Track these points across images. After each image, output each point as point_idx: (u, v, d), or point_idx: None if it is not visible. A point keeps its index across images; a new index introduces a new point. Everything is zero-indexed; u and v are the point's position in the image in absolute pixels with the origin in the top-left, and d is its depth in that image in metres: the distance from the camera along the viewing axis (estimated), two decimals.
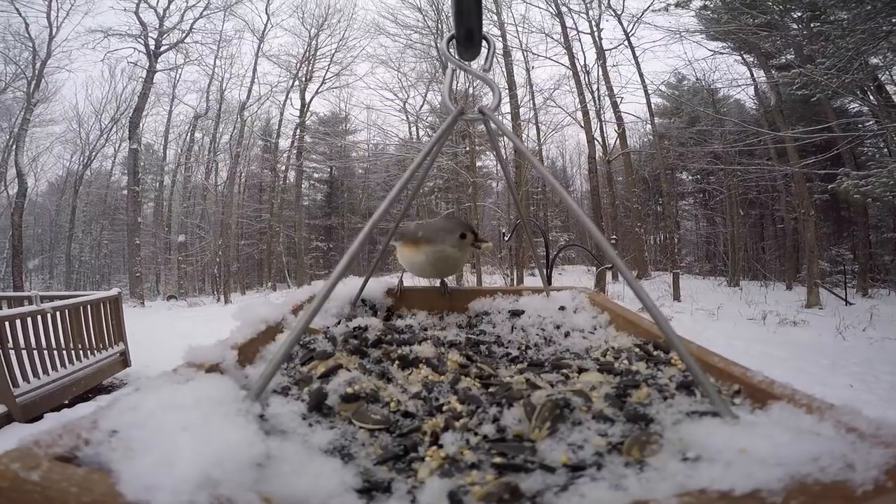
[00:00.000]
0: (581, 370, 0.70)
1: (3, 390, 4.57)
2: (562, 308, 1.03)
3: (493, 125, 0.80)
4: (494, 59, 0.82)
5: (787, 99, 15.01)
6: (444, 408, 0.57)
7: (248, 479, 0.36)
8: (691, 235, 25.58)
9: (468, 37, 0.74)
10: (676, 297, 14.27)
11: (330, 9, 23.07)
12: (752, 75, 17.21)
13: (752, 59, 16.74)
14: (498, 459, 0.45)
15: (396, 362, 0.73)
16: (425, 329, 1.00)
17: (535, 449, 0.46)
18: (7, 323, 4.81)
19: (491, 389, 0.63)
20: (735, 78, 17.88)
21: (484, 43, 0.79)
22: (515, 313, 1.04)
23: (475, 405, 0.57)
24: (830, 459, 0.35)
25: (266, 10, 22.56)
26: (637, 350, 0.77)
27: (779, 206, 19.63)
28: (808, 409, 0.46)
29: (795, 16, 12.49)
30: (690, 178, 23.96)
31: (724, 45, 16.65)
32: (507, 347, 0.86)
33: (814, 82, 10.13)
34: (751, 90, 17.92)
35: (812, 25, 11.49)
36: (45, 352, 5.23)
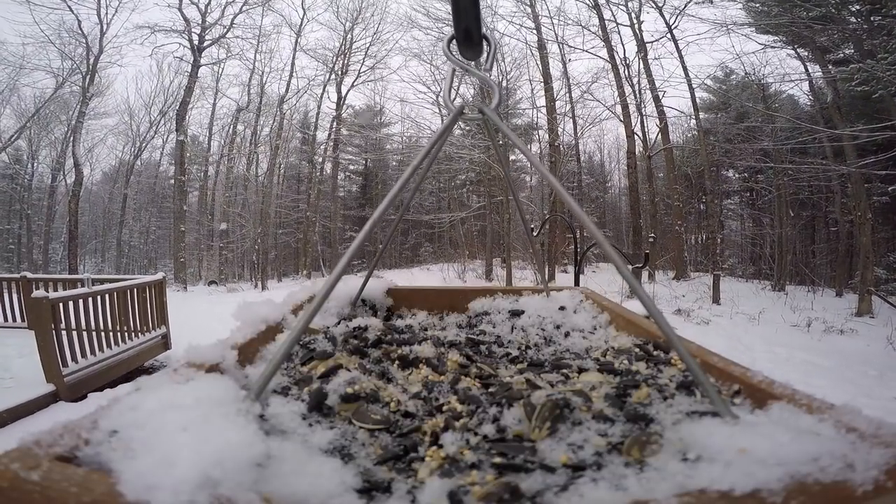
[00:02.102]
0: (581, 370, 0.70)
1: (55, 370, 4.76)
2: (562, 308, 1.02)
3: (492, 124, 0.80)
4: (495, 59, 0.80)
5: (845, 95, 14.15)
6: (444, 408, 0.57)
7: (248, 479, 0.36)
8: (735, 236, 24.60)
9: (467, 36, 0.73)
10: (716, 299, 13.74)
11: (364, 2, 23.35)
12: (807, 70, 16.29)
13: (806, 54, 15.87)
14: (498, 459, 0.45)
15: (396, 362, 0.73)
16: (425, 329, 1.00)
17: (535, 449, 0.46)
18: (61, 304, 5.01)
19: (491, 389, 0.63)
20: (788, 73, 16.97)
21: (485, 43, 0.78)
22: (515, 313, 1.04)
23: (475, 405, 0.57)
24: (830, 459, 0.35)
25: (302, 4, 23.04)
26: (637, 350, 0.77)
27: (833, 208, 18.56)
28: (808, 409, 0.46)
29: (854, 9, 11.77)
30: (737, 175, 22.98)
31: (776, 38, 15.79)
32: (507, 347, 0.86)
33: (875, 78, 9.50)
34: (805, 86, 17.03)
35: (872, 19, 10.74)
36: (94, 333, 5.45)
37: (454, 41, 0.78)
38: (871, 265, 12.69)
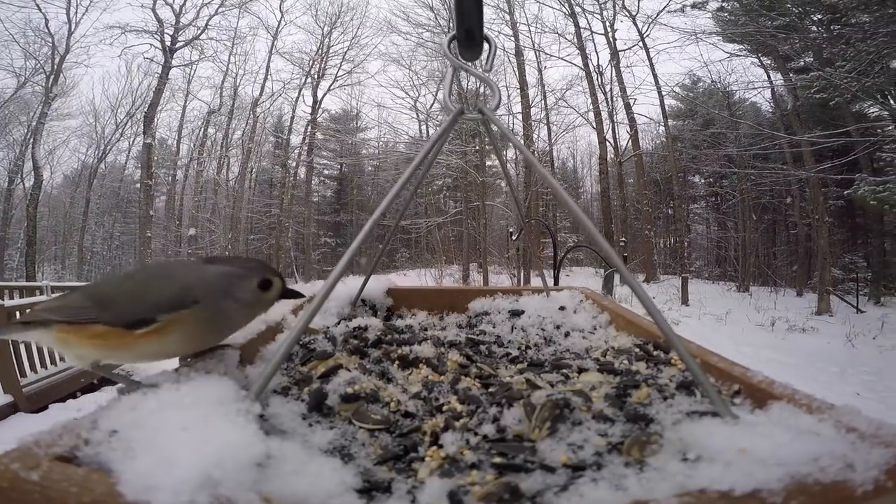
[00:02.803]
0: (581, 370, 0.71)
1: (11, 381, 4.62)
2: (562, 308, 1.03)
3: (493, 125, 0.80)
4: (496, 59, 0.81)
5: (804, 102, 14.75)
6: (444, 408, 0.57)
7: (248, 478, 0.36)
8: (702, 239, 25.35)
9: (469, 37, 0.74)
10: (685, 301, 14.14)
11: (343, 6, 23.21)
12: (770, 78, 16.97)
13: (769, 62, 16.52)
14: (498, 459, 0.45)
15: (396, 362, 0.73)
16: (425, 329, 1.00)
17: (535, 449, 0.46)
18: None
19: (491, 389, 0.63)
20: (752, 81, 17.67)
21: (485, 44, 0.78)
22: (515, 313, 1.04)
23: (475, 405, 0.57)
24: (830, 459, 0.35)
25: (280, 7, 22.74)
26: (637, 350, 0.77)
27: (792, 212, 19.34)
28: (808, 409, 0.46)
29: (815, 18, 12.30)
30: (703, 181, 23.72)
31: (742, 47, 16.43)
32: (507, 347, 0.86)
33: (833, 86, 9.99)
34: (767, 93, 17.71)
35: (832, 28, 11.29)
36: None
37: (454, 41, 0.78)
38: (828, 266, 13.21)
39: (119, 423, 0.41)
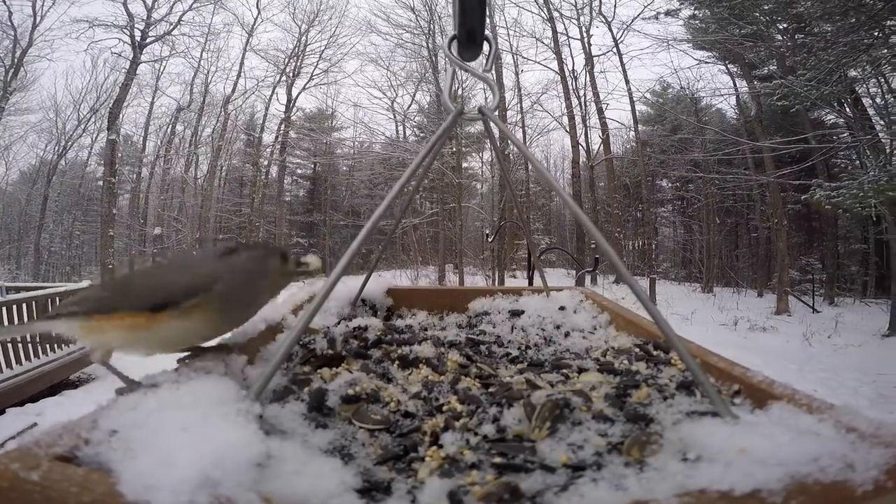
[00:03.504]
0: (581, 370, 0.71)
1: None
2: (562, 308, 1.03)
3: (493, 125, 0.81)
4: (495, 59, 0.82)
5: (767, 110, 15.26)
6: (444, 408, 0.57)
7: (247, 478, 0.36)
8: (669, 242, 26.03)
9: (470, 37, 0.74)
10: (653, 301, 14.48)
11: (322, 5, 22.86)
12: (735, 85, 17.47)
13: (736, 70, 17.05)
14: (498, 459, 0.45)
15: (396, 362, 0.73)
16: (425, 329, 0.99)
17: (535, 449, 0.46)
18: None
19: (491, 389, 0.63)
20: (718, 87, 18.21)
21: (485, 44, 0.79)
22: (515, 313, 1.04)
23: (475, 405, 0.57)
24: (830, 459, 0.35)
25: (257, 4, 22.25)
26: (637, 350, 0.77)
27: (753, 216, 19.96)
28: (808, 409, 0.46)
29: (781, 27, 12.68)
30: (670, 185, 24.32)
31: (710, 54, 16.92)
32: (507, 347, 0.86)
33: (794, 93, 10.33)
34: (733, 100, 18.20)
35: (797, 37, 11.74)
36: (10, 345, 5.05)
37: (455, 41, 0.78)
38: (787, 268, 13.62)
39: (119, 423, 0.41)
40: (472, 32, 0.73)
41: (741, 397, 0.56)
